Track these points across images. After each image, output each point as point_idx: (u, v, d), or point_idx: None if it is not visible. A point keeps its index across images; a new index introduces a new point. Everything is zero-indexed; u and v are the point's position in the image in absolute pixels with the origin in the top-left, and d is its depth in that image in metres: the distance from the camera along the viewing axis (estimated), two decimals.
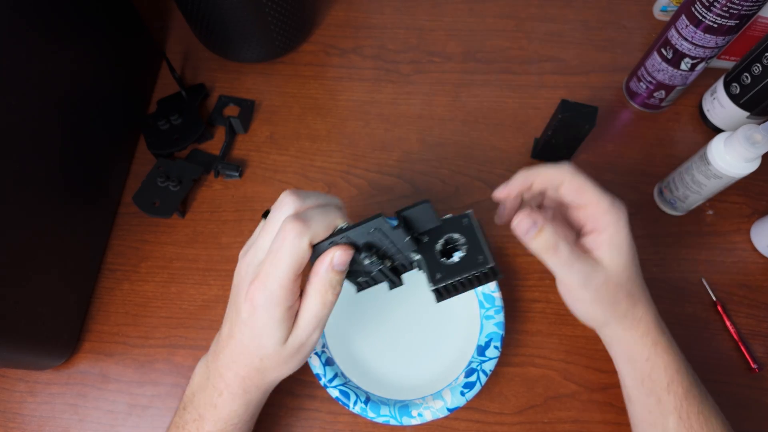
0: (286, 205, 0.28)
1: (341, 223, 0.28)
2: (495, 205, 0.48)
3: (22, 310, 0.36)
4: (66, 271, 0.41)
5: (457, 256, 0.29)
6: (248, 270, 0.29)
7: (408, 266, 0.31)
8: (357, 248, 0.29)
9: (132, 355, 0.42)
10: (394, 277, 0.31)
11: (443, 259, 0.29)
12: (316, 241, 0.27)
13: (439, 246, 0.29)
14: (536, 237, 0.31)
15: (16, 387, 0.41)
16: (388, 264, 0.30)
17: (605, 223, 0.32)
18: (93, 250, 0.45)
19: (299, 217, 0.27)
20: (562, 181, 0.33)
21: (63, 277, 0.41)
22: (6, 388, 0.41)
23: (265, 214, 0.30)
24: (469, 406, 0.40)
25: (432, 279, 0.29)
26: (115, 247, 0.47)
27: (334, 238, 0.28)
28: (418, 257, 0.30)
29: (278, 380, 0.33)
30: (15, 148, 0.35)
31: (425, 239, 0.30)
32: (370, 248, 0.29)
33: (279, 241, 0.27)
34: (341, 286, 0.29)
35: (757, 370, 0.41)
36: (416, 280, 0.38)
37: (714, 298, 0.44)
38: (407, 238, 0.29)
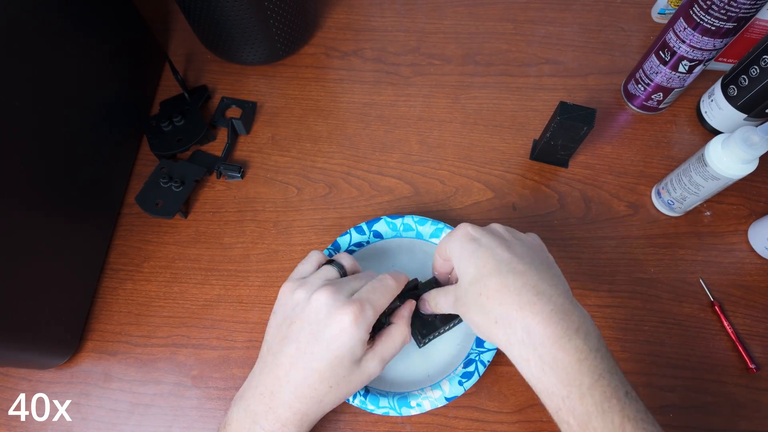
0: (369, 272, 0.37)
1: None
2: (494, 205, 0.49)
3: (25, 310, 0.36)
4: (69, 270, 0.41)
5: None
6: (333, 298, 0.32)
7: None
8: None
9: (134, 354, 0.43)
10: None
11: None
12: (398, 293, 0.35)
13: None
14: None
15: (19, 386, 0.42)
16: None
17: (448, 252, 0.35)
18: (96, 250, 0.45)
19: (394, 275, 0.35)
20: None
21: (66, 277, 0.41)
22: (9, 386, 0.42)
23: (330, 262, 0.37)
24: (468, 405, 0.40)
25: (420, 334, 0.38)
26: (118, 247, 0.47)
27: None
28: None
29: (323, 414, 0.33)
30: (19, 149, 0.35)
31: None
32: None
33: (382, 282, 0.34)
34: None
35: (754, 370, 0.41)
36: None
37: (712, 299, 0.44)
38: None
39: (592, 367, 0.27)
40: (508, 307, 0.29)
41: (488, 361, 0.39)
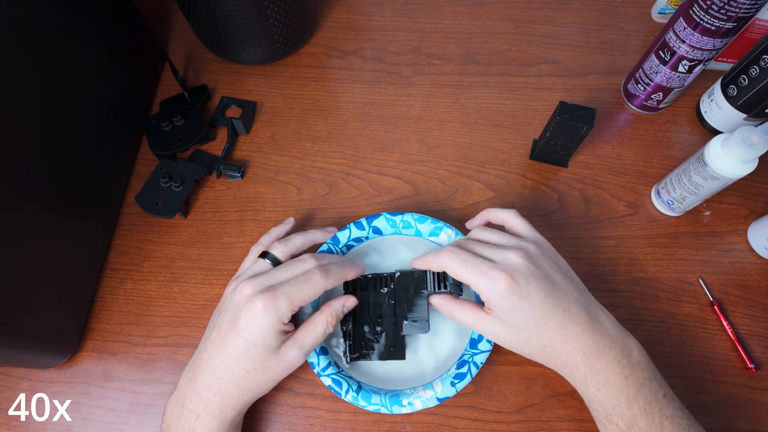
0: (307, 261, 0.36)
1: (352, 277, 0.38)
2: (494, 205, 0.49)
3: (25, 309, 0.36)
4: (69, 270, 0.41)
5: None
6: (253, 289, 0.34)
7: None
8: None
9: (135, 354, 0.43)
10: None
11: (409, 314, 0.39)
12: (329, 288, 0.35)
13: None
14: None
15: (19, 386, 0.42)
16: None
17: (484, 299, 0.35)
18: (96, 250, 0.45)
19: (323, 267, 0.35)
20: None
21: (66, 276, 0.41)
22: (9, 386, 0.42)
23: (263, 255, 0.38)
24: (468, 404, 0.40)
25: (406, 318, 0.39)
26: (118, 247, 0.47)
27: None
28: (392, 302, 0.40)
29: (250, 403, 0.36)
30: (19, 148, 0.35)
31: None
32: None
33: (305, 276, 0.35)
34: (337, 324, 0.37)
35: (753, 370, 0.41)
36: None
37: (711, 298, 0.44)
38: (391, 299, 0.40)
39: (635, 379, 0.33)
40: (563, 353, 0.34)
41: (481, 363, 0.39)
